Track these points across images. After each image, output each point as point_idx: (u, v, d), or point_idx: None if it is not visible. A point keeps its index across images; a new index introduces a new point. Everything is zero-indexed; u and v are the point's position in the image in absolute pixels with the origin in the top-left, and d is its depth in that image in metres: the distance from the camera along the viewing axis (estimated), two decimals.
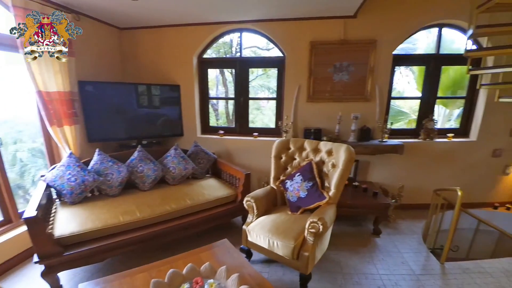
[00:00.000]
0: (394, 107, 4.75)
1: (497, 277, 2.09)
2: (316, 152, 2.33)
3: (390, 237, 2.68)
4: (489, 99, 2.96)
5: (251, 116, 3.61)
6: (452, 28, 3.01)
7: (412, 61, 3.34)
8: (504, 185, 3.35)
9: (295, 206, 2.18)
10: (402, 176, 3.22)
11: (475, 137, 3.15)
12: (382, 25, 2.86)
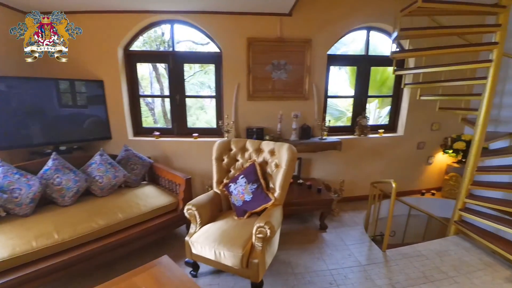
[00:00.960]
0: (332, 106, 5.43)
1: (431, 258, 2.67)
2: (259, 152, 2.62)
3: (336, 231, 3.17)
4: (412, 97, 3.73)
5: (194, 116, 3.70)
6: (379, 31, 3.67)
7: (345, 61, 4.01)
8: (428, 173, 4.24)
9: (241, 210, 2.39)
10: (342, 171, 3.83)
11: (402, 132, 3.93)
12: (316, 25, 3.36)
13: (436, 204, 4.02)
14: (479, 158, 2.85)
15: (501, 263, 2.59)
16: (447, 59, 3.10)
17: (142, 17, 3.18)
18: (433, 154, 4.15)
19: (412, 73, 3.49)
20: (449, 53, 2.77)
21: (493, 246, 2.60)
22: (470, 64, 2.71)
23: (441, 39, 3.13)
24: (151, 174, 3.20)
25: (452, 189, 3.88)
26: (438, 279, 2.34)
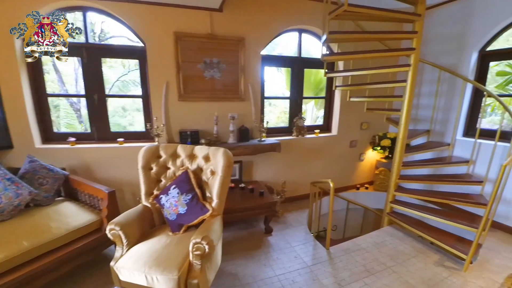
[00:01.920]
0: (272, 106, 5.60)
1: (371, 251, 2.84)
2: (192, 158, 2.44)
3: (281, 233, 3.18)
4: (343, 99, 3.99)
5: (128, 118, 3.37)
6: (311, 34, 3.85)
7: (279, 62, 4.03)
8: (361, 169, 4.61)
9: (176, 224, 2.18)
10: (283, 171, 3.89)
11: (336, 132, 4.19)
12: (248, 24, 3.34)
13: (370, 197, 4.40)
14: (403, 155, 3.14)
15: (430, 248, 2.87)
16: (371, 63, 3.41)
17: (44, 1, 2.68)
18: (364, 151, 4.56)
19: (341, 75, 3.72)
20: (373, 57, 3.01)
21: (421, 233, 2.89)
22: (392, 68, 3.01)
23: (365, 44, 3.46)
24: (68, 189, 2.75)
25: (382, 182, 4.28)
26: (379, 271, 2.49)
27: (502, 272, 2.50)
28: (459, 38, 3.54)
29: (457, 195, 3.04)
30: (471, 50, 3.43)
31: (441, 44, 3.73)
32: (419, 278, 2.42)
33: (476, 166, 3.37)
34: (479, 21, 3.34)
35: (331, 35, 2.69)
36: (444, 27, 3.68)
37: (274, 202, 3.10)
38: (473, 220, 2.69)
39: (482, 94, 3.41)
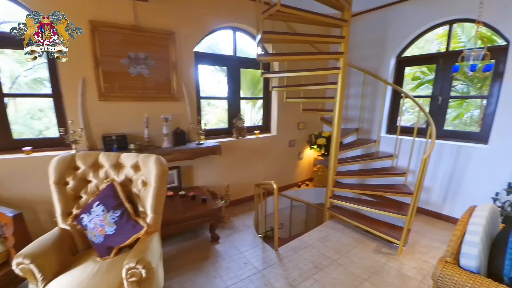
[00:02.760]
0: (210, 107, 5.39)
1: (316, 246, 2.89)
2: (119, 168, 2.10)
3: (229, 239, 3.02)
4: (280, 100, 4.02)
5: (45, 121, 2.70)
6: (245, 33, 3.77)
7: (214, 60, 3.79)
8: (300, 167, 4.74)
9: (105, 248, 1.83)
10: (226, 175, 3.73)
11: (275, 132, 4.21)
12: (178, 17, 3.06)
13: (311, 193, 4.58)
14: (338, 152, 3.30)
15: (368, 237, 3.07)
16: (304, 65, 3.53)
17: None
18: (302, 150, 4.70)
19: (277, 76, 3.75)
20: (306, 59, 3.10)
21: (358, 224, 3.08)
22: (323, 70, 3.12)
23: (297, 47, 3.53)
24: None
25: (321, 179, 4.49)
26: (326, 265, 2.55)
27: (429, 252, 2.81)
28: (380, 44, 3.91)
29: (385, 186, 3.34)
30: (390, 56, 3.83)
31: (365, 49, 4.08)
32: (362, 267, 2.56)
33: (399, 160, 3.75)
34: (395, 30, 3.74)
35: (265, 35, 2.64)
36: (367, 34, 4.03)
37: (219, 208, 2.93)
38: (401, 208, 2.96)
39: (400, 95, 3.79)
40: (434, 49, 5.06)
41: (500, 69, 2.96)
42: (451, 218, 3.44)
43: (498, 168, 3.00)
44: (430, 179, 3.55)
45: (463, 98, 5.61)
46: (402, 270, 2.52)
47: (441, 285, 1.53)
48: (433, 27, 3.52)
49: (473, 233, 1.58)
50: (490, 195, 2.90)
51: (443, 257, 1.61)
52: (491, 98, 3.13)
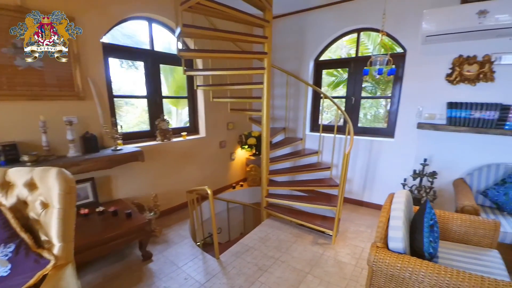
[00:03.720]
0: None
1: (258, 248, 2.81)
2: (7, 188, 1.63)
3: (163, 255, 2.69)
4: (206, 99, 3.85)
5: None
6: (163, 25, 3.44)
7: (128, 54, 3.28)
8: (233, 168, 4.64)
9: None
10: (153, 183, 3.37)
11: (204, 133, 4.00)
12: (79, 1, 2.58)
13: (246, 193, 4.52)
14: (269, 152, 3.31)
15: (304, 231, 3.15)
16: (229, 64, 3.43)
17: None
18: (234, 151, 4.59)
19: (200, 74, 3.59)
20: (230, 57, 3.00)
21: (294, 219, 3.14)
22: (249, 70, 3.07)
23: (220, 45, 3.41)
24: None
25: (254, 178, 4.47)
26: (270, 265, 2.51)
27: (357, 236, 3.06)
28: (299, 47, 4.09)
29: (314, 181, 3.50)
30: (309, 59, 4.05)
31: (287, 51, 4.21)
32: (303, 260, 2.61)
33: (323, 155, 3.98)
34: (313, 35, 3.96)
35: (185, 28, 2.42)
36: (288, 37, 4.17)
37: (147, 221, 2.58)
38: (330, 200, 3.14)
39: (320, 96, 4.02)
40: (344, 54, 5.59)
41: (400, 73, 3.39)
42: (371, 204, 3.84)
43: (403, 158, 3.45)
44: (350, 171, 3.87)
45: (372, 98, 6.32)
46: (338, 257, 2.66)
47: (376, 268, 1.62)
48: (345, 34, 3.85)
49: (396, 218, 1.72)
50: (400, 181, 3.29)
51: (374, 243, 1.71)
52: (394, 98, 3.57)
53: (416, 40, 3.11)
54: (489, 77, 2.82)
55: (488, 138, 2.88)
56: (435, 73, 3.11)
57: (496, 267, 1.81)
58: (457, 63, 2.96)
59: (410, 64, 3.26)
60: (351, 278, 2.36)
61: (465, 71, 2.92)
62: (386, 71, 2.74)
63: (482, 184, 2.87)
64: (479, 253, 1.96)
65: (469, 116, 2.89)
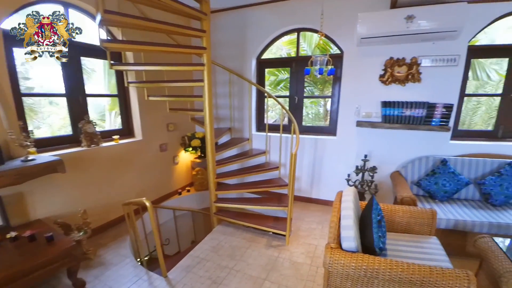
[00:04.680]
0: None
1: (210, 258, 2.62)
2: None
3: (100, 281, 2.31)
4: (140, 97, 3.45)
5: None
6: (80, 11, 2.89)
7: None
8: (178, 173, 4.32)
9: None
10: (81, 197, 2.88)
11: (140, 136, 3.59)
12: None
13: (194, 199, 4.24)
14: (215, 154, 3.13)
15: (257, 234, 3.05)
16: (165, 59, 3.12)
17: None
18: (177, 154, 4.24)
19: (131, 69, 3.22)
20: (164, 51, 2.65)
21: (246, 223, 3.03)
22: (187, 66, 2.81)
23: (154, 36, 3.00)
24: None
25: (202, 182, 4.19)
26: (224, 277, 2.36)
27: (310, 234, 3.08)
28: (241, 45, 3.96)
29: (264, 182, 3.41)
30: (251, 57, 3.95)
31: (229, 48, 4.05)
32: (259, 266, 2.51)
33: (271, 155, 3.95)
34: (253, 32, 3.86)
35: (107, 15, 2.05)
36: (229, 33, 4.00)
37: (75, 243, 2.18)
38: (281, 200, 3.10)
39: (264, 95, 3.97)
40: (284, 54, 5.66)
41: (339, 73, 3.53)
42: (320, 200, 3.93)
43: (346, 155, 3.61)
44: (298, 170, 3.90)
45: (314, 98, 6.55)
46: (293, 258, 2.63)
47: (331, 270, 1.61)
48: (285, 33, 3.84)
49: (346, 218, 1.74)
50: (344, 177, 3.43)
51: (327, 244, 1.70)
52: (334, 97, 3.71)
53: (352, 42, 3.27)
54: (417, 78, 3.09)
55: (418, 133, 3.20)
56: (370, 74, 3.31)
57: (437, 253, 1.97)
58: (389, 65, 3.17)
59: (347, 65, 3.41)
60: (308, 278, 2.35)
61: (396, 72, 3.15)
62: (326, 71, 2.80)
63: (416, 175, 3.16)
64: (421, 241, 2.12)
65: (401, 114, 3.12)
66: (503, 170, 2.83)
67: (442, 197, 2.92)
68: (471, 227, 2.50)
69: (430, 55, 3.01)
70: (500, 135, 3.16)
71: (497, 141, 3.14)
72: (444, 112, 2.99)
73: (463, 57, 2.94)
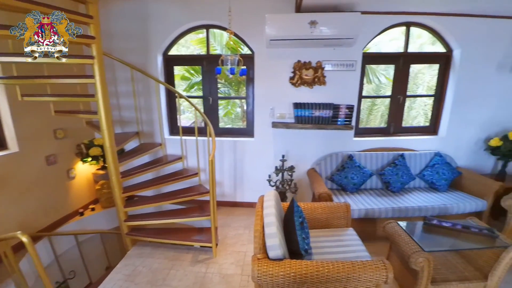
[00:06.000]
0: None
1: None
2: None
3: None
4: (12, 98, 2.70)
5: None
6: None
7: None
8: (76, 189, 3.64)
9: None
10: None
11: (16, 148, 2.82)
12: None
13: (102, 217, 3.62)
14: (118, 164, 2.74)
15: (181, 250, 2.80)
16: None
17: None
18: (72, 166, 3.52)
19: None
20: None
21: (166, 240, 2.77)
22: (72, 58, 2.24)
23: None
24: None
25: (109, 197, 3.58)
26: None
27: (238, 241, 2.99)
28: (143, 38, 3.53)
29: (183, 191, 3.15)
30: (156, 52, 3.57)
31: (129, 41, 3.56)
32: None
33: (189, 160, 3.72)
34: (157, 25, 3.48)
35: None
36: (130, 24, 3.51)
37: None
38: (203, 209, 2.90)
39: (175, 95, 3.65)
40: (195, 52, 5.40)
41: (251, 74, 3.54)
42: (245, 203, 3.90)
43: (265, 156, 3.67)
44: (219, 174, 3.80)
45: (228, 99, 6.44)
46: (223, 271, 2.51)
47: (261, 283, 1.57)
48: (193, 29, 3.60)
49: (270, 225, 1.70)
50: (265, 178, 3.47)
51: (254, 255, 1.66)
52: (249, 98, 3.71)
53: (262, 43, 3.30)
54: (322, 81, 3.29)
55: (327, 132, 3.48)
56: (281, 76, 3.42)
57: (355, 244, 2.17)
58: (297, 68, 3.30)
59: (259, 66, 3.43)
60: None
61: (304, 75, 3.31)
62: (238, 71, 2.70)
63: (328, 171, 3.44)
64: (340, 234, 2.30)
65: (311, 115, 3.29)
66: (397, 161, 3.36)
67: (352, 189, 3.26)
68: (379, 213, 2.86)
69: (332, 60, 3.30)
70: (391, 131, 3.65)
71: (390, 136, 3.70)
72: (347, 113, 3.29)
73: (359, 63, 3.28)
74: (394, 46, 4.66)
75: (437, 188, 3.29)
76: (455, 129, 3.58)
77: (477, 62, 3.34)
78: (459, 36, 3.27)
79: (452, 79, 3.47)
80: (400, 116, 3.70)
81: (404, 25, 3.33)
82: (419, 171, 3.41)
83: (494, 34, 3.26)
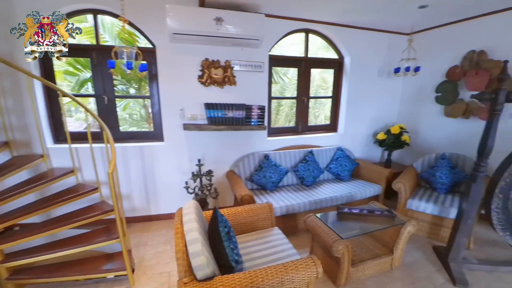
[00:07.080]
0: None
1: None
2: None
3: None
4: None
5: None
6: None
7: None
8: None
9: None
10: None
11: None
12: None
13: None
14: None
15: (88, 285, 2.27)
16: None
17: None
18: None
19: None
20: None
21: (65, 277, 2.23)
22: None
23: None
24: None
25: None
26: None
27: (159, 261, 2.62)
28: (5, 19, 2.63)
29: (82, 211, 2.59)
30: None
31: None
32: None
33: (84, 173, 3.10)
34: (24, 4, 2.63)
35: None
36: None
37: None
38: (110, 230, 2.47)
39: (57, 93, 2.98)
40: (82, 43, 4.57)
41: (154, 71, 3.21)
42: (162, 215, 3.50)
43: (179, 161, 3.39)
44: (126, 186, 3.31)
45: (128, 98, 5.69)
46: None
47: None
48: (77, 13, 2.98)
49: (193, 242, 1.50)
50: (182, 185, 3.22)
51: (179, 280, 1.47)
52: (154, 98, 3.37)
53: (164, 37, 3.01)
54: (232, 81, 3.26)
55: (242, 133, 3.50)
56: (188, 74, 3.23)
57: (282, 243, 2.18)
58: (206, 66, 3.20)
59: (162, 62, 3.11)
60: None
61: (213, 74, 3.24)
62: (137, 65, 2.40)
63: (247, 171, 3.44)
64: (267, 236, 2.30)
65: (224, 115, 3.22)
66: (308, 157, 3.66)
67: (271, 187, 3.36)
68: (298, 208, 3.00)
69: (241, 60, 3.34)
70: (300, 130, 3.88)
71: (299, 134, 3.99)
72: (259, 113, 3.37)
73: (267, 65, 3.37)
74: (295, 51, 5.04)
75: (342, 179, 3.75)
76: (350, 126, 4.17)
77: (363, 68, 3.98)
78: (348, 45, 3.81)
79: (345, 82, 4.02)
80: (305, 115, 4.05)
81: (304, 31, 3.65)
82: (326, 165, 3.82)
83: (374, 45, 3.90)
